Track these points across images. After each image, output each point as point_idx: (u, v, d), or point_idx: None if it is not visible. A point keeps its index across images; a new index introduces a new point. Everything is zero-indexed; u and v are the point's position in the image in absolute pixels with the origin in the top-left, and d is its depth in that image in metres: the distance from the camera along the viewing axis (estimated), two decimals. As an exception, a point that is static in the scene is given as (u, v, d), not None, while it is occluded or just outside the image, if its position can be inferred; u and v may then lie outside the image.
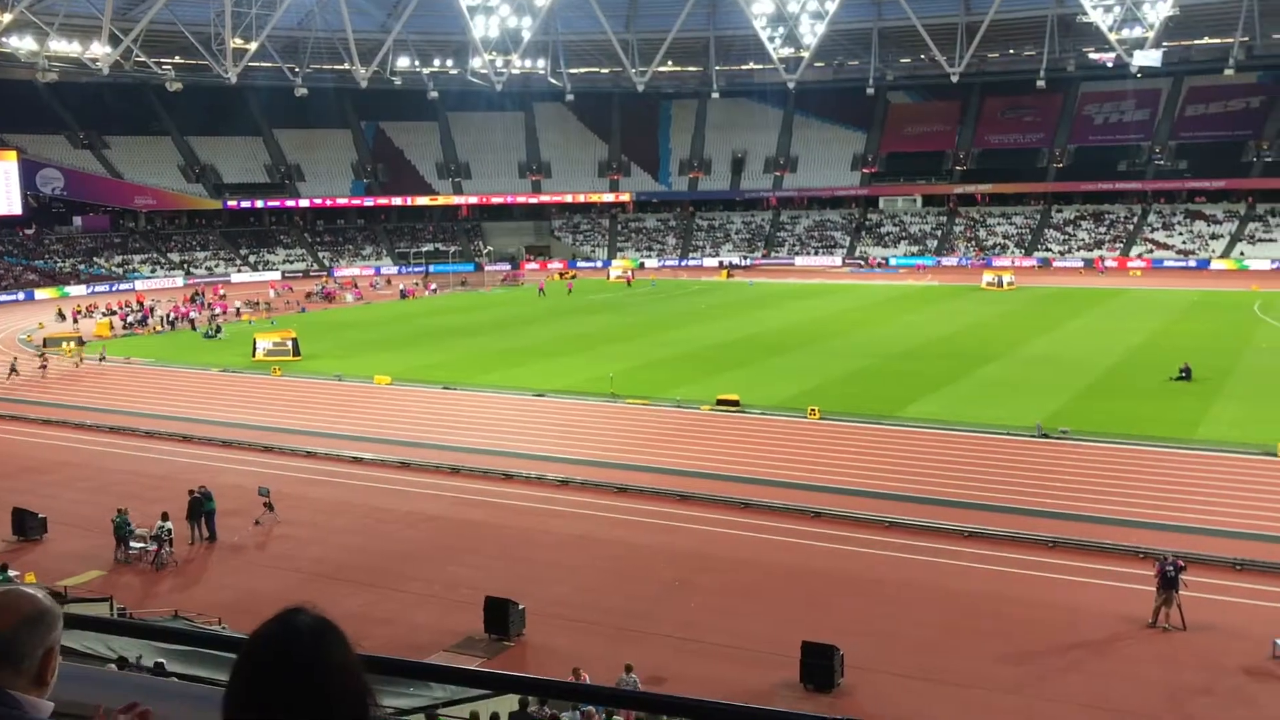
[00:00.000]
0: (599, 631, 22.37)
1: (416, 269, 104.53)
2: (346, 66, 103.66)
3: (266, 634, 1.99)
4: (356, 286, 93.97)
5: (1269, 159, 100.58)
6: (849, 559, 26.24)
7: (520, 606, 22.25)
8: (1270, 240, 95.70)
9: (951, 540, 27.09)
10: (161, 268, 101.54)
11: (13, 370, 51.81)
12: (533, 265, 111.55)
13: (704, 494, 31.12)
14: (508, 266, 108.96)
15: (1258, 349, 52.41)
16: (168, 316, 72.41)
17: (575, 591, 24.51)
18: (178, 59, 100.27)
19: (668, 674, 20.19)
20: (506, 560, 26.52)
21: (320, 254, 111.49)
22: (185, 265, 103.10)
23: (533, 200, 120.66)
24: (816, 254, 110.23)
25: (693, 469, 33.77)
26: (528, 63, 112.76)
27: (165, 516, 26.97)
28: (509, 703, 16.11)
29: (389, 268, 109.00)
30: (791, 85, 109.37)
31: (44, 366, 53.09)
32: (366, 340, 61.87)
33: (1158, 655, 20.90)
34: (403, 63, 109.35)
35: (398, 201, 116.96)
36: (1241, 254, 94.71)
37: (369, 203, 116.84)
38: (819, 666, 19.57)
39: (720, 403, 42.06)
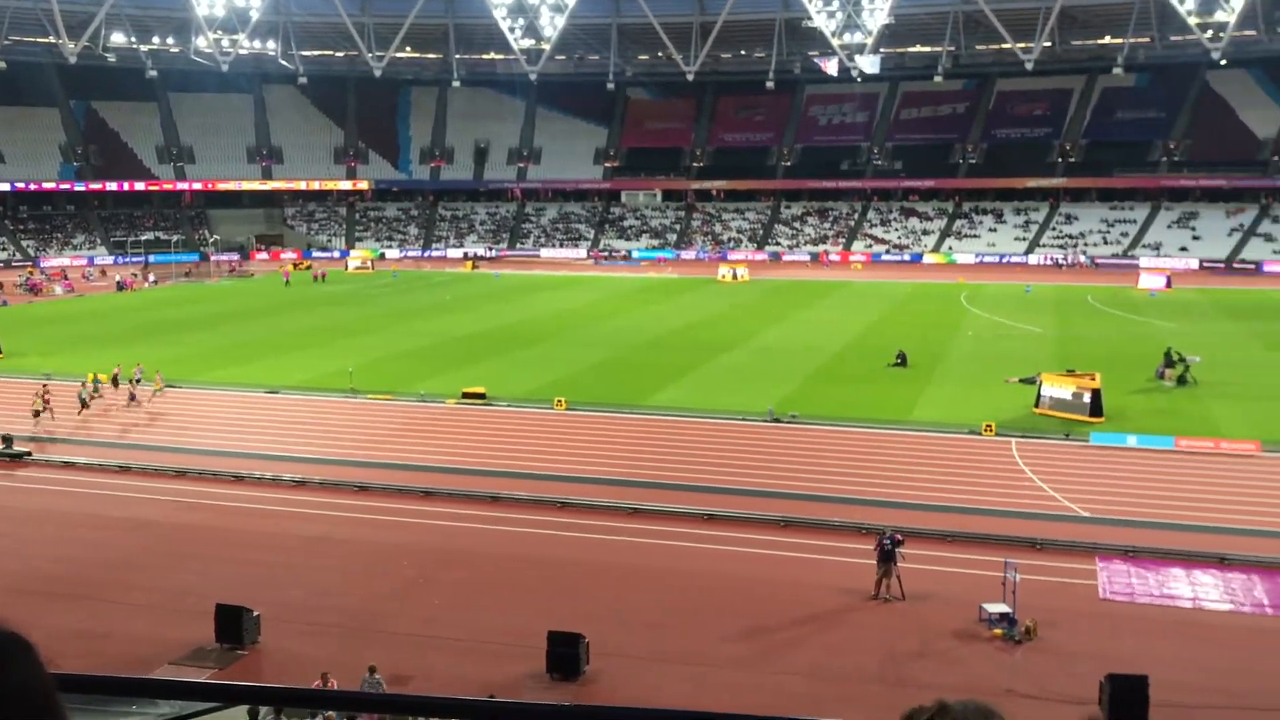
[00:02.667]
0: (340, 634, 21.64)
1: (135, 259, 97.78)
2: (53, 40, 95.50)
3: None
4: (67, 278, 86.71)
5: (973, 161, 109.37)
6: (595, 547, 26.54)
7: (255, 613, 21.20)
8: (975, 236, 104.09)
9: (692, 524, 27.91)
10: None
11: None
12: (264, 255, 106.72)
13: (449, 489, 30.70)
14: (236, 256, 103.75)
15: (964, 336, 56.89)
16: None
17: (314, 594, 23.60)
18: None
19: (413, 672, 19.79)
20: (239, 565, 25.21)
21: (24, 243, 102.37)
22: None
23: (264, 187, 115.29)
24: (562, 246, 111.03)
25: (437, 464, 33.25)
26: (257, 43, 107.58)
27: None
28: (242, 715, 15.29)
29: (104, 258, 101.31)
30: (533, 77, 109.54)
31: None
32: (79, 335, 57.31)
33: (879, 624, 22.29)
34: (118, 39, 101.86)
35: (113, 187, 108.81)
36: (950, 249, 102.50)
37: (80, 187, 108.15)
38: (565, 655, 19.69)
39: (466, 396, 41.61)
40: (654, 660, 20.56)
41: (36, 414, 37.50)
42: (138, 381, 41.88)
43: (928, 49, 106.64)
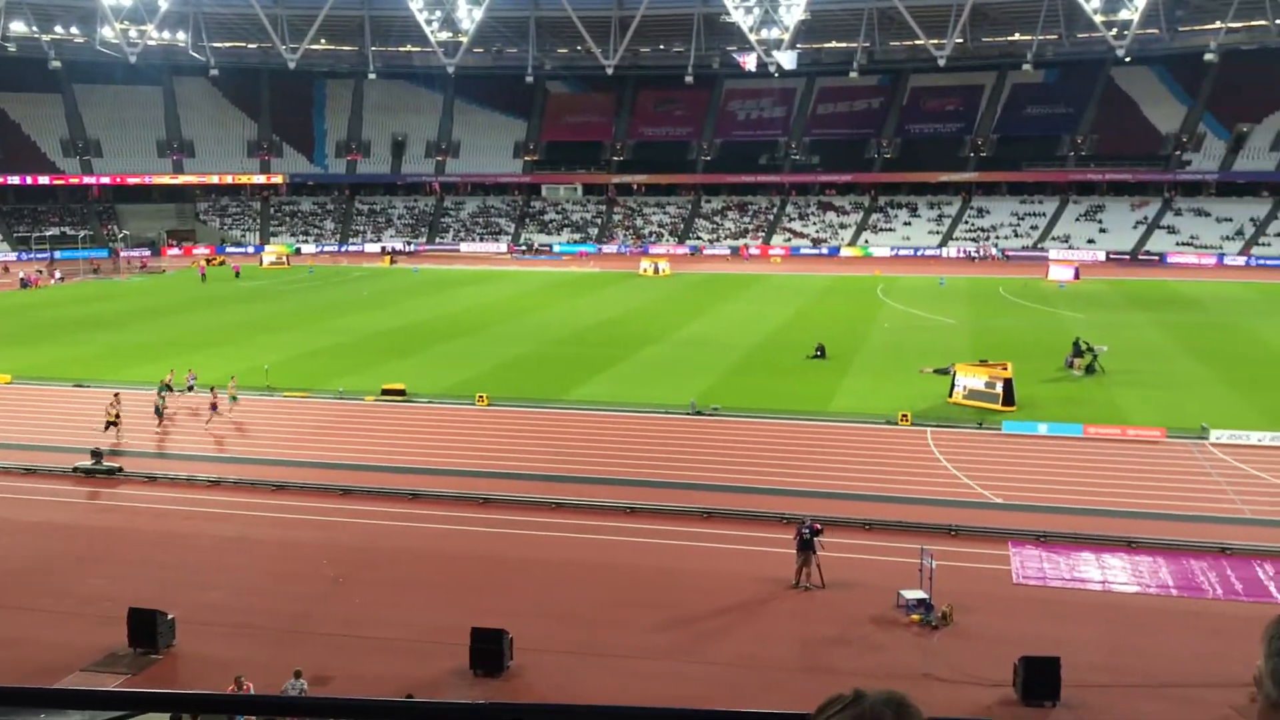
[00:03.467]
0: (259, 636, 21.30)
1: (40, 255, 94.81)
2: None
3: None
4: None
5: (888, 155, 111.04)
6: (518, 543, 26.47)
7: (169, 616, 20.76)
8: (890, 230, 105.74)
9: (615, 517, 27.99)
10: None
11: None
12: (175, 250, 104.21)
13: (369, 487, 30.37)
14: (147, 252, 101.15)
15: (881, 328, 57.81)
16: None
17: (231, 596, 23.19)
18: None
19: (334, 673, 19.56)
20: (152, 568, 24.66)
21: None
22: None
23: (175, 181, 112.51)
24: (482, 240, 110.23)
25: (357, 462, 32.86)
26: (166, 34, 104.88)
27: None
28: (157, 721, 14.97)
29: (7, 254, 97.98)
30: (451, 70, 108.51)
31: None
32: (-19, 335, 55.44)
33: (799, 612, 22.60)
34: (19, 28, 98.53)
35: (15, 180, 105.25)
36: (866, 242, 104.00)
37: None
38: (488, 651, 19.63)
39: (385, 392, 41.16)
40: (578, 654, 20.59)
41: (110, 425, 34.70)
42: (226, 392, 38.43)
43: (843, 45, 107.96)
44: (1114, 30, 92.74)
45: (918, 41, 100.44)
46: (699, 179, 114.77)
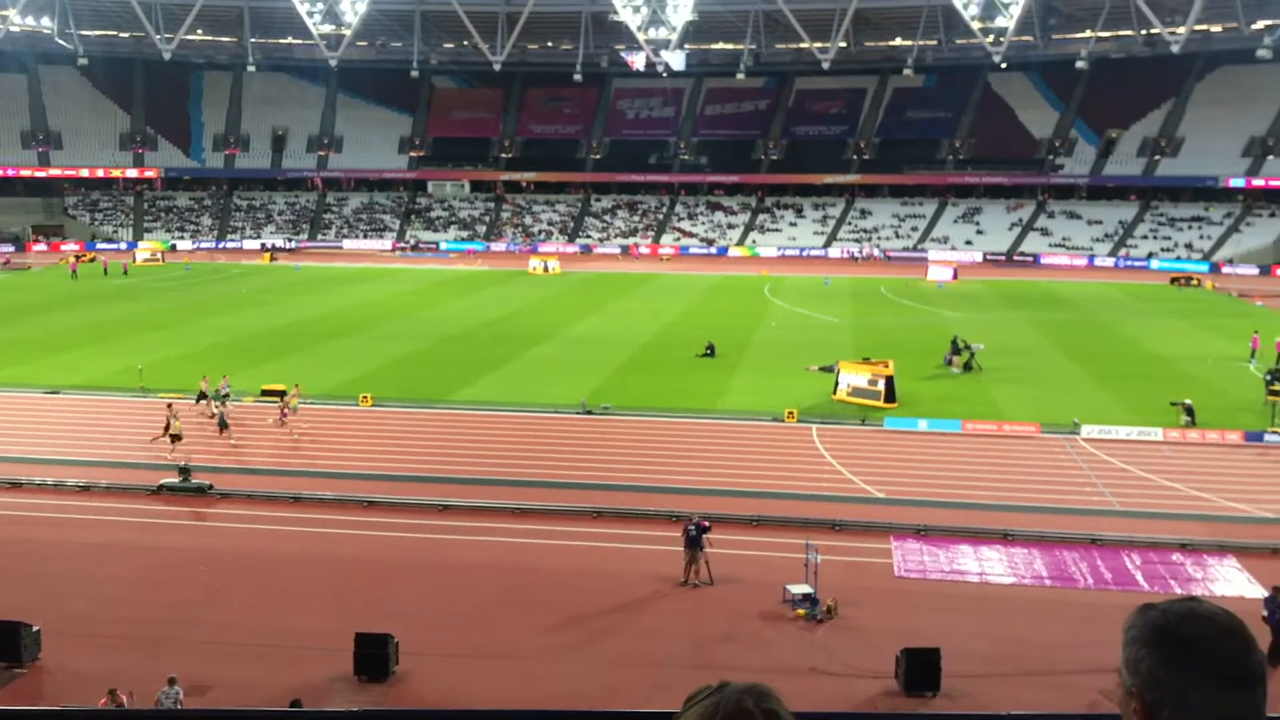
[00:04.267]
0: (132, 646, 20.48)
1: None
2: None
3: None
4: None
5: (775, 157, 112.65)
6: (405, 546, 26.02)
7: (34, 628, 19.83)
8: (777, 230, 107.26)
9: (505, 518, 27.73)
10: None
11: None
12: (42, 246, 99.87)
13: (247, 490, 29.51)
14: (11, 248, 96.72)
15: (768, 327, 58.56)
16: None
17: (101, 605, 22.27)
18: None
19: (213, 682, 18.94)
20: (14, 579, 23.53)
21: None
22: None
23: (40, 174, 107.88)
24: (366, 237, 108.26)
25: (234, 465, 31.92)
26: (30, 20, 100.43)
27: None
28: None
29: None
30: (334, 63, 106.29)
31: None
32: None
33: (688, 609, 22.71)
34: None
35: None
36: (754, 242, 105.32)
37: None
38: (373, 656, 19.24)
39: (266, 393, 40.02)
40: (467, 657, 20.33)
41: (177, 438, 32.23)
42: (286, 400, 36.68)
43: (731, 46, 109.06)
44: (991, 37, 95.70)
45: (802, 44, 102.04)
46: (589, 177, 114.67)
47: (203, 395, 37.57)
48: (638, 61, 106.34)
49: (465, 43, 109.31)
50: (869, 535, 26.83)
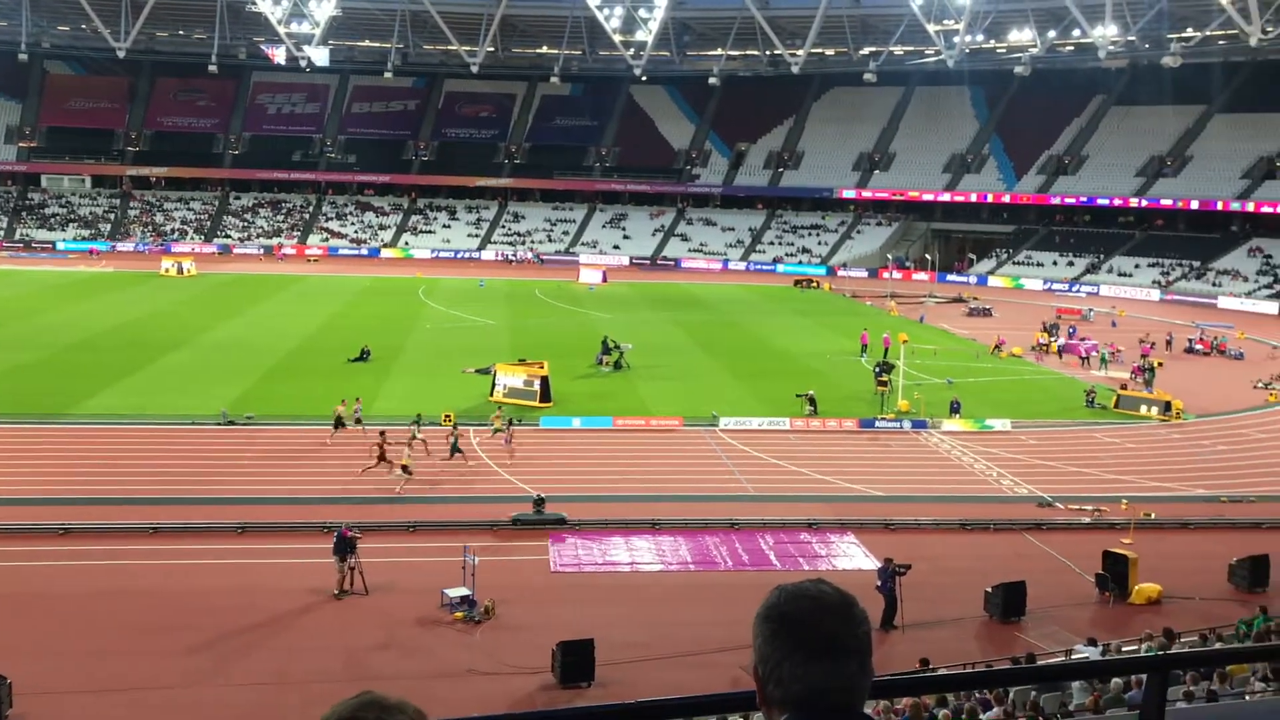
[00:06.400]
0: None
1: None
2: None
3: None
4: None
5: (426, 158, 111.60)
6: (20, 576, 23.54)
7: None
8: (430, 232, 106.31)
9: (137, 539, 25.72)
10: None
11: None
12: None
13: None
14: None
15: (423, 329, 57.94)
16: None
17: None
18: None
19: None
20: None
21: None
22: None
23: None
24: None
25: None
26: None
27: None
28: None
29: None
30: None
31: None
32: None
33: (342, 621, 22.06)
34: None
35: None
36: (407, 243, 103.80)
37: None
38: (-20, 703, 17.24)
39: None
40: (89, 692, 18.65)
41: (405, 468, 30.58)
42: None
43: (377, 44, 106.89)
44: (631, 50, 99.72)
45: (451, 47, 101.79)
46: (227, 174, 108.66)
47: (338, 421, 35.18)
48: (278, 55, 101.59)
49: (83, 26, 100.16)
50: (526, 534, 27.19)
